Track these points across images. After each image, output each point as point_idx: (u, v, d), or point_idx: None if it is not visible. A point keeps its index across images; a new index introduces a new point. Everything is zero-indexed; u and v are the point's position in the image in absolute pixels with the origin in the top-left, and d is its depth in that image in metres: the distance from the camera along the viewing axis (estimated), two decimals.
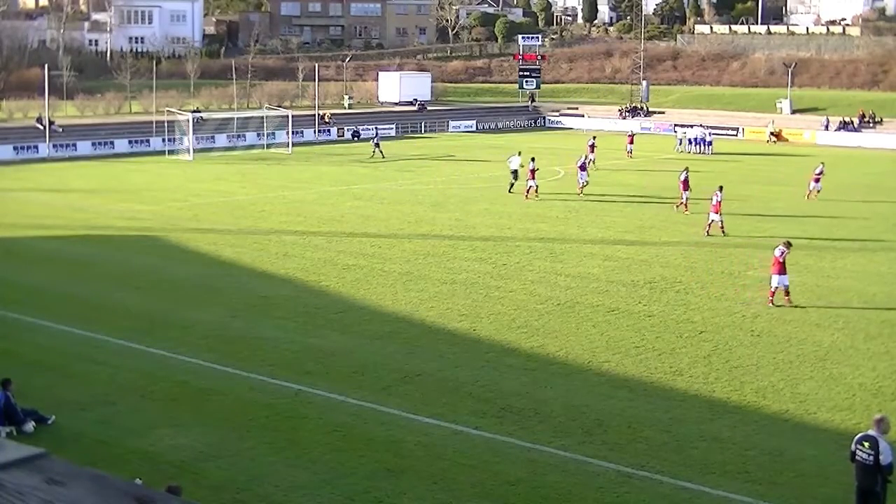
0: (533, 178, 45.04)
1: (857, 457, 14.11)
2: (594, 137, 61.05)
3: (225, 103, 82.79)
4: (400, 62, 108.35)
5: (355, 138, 75.87)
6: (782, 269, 26.85)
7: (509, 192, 47.03)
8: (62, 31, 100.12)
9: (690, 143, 68.91)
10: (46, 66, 65.33)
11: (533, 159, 45.96)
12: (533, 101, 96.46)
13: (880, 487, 13.95)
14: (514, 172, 47.82)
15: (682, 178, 41.86)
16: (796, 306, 26.74)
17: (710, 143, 68.05)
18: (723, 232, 36.71)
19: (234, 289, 28.83)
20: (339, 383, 20.68)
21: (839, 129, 79.33)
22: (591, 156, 54.30)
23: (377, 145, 63.31)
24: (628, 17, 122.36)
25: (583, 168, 47.13)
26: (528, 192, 45.12)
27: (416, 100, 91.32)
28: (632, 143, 64.43)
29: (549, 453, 17.22)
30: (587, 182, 46.51)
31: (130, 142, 66.69)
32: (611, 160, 63.15)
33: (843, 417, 18.94)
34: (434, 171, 57.08)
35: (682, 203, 41.48)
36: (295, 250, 34.12)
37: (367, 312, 26.39)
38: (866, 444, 14.04)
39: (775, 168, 60.15)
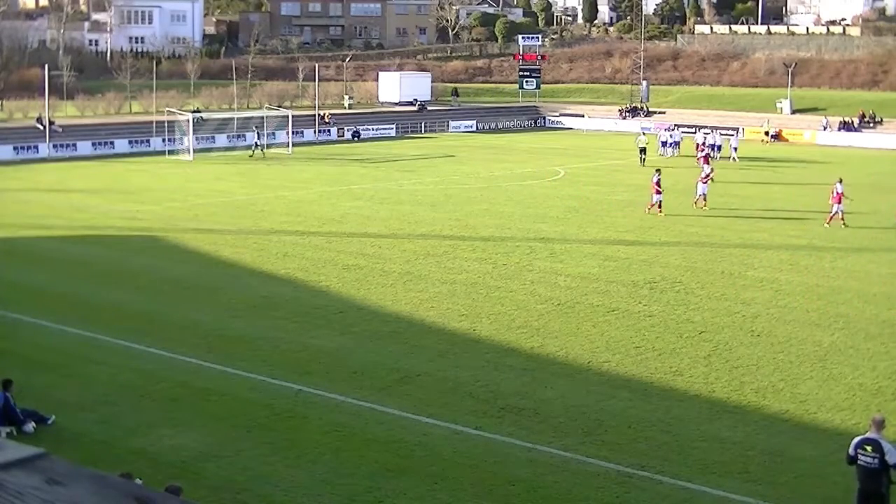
0: (658, 192, 41.17)
1: (859, 461, 13.95)
2: (712, 147, 57.34)
3: (225, 103, 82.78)
4: (400, 62, 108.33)
5: (355, 138, 75.91)
6: None
7: (642, 165, 56.92)
8: (62, 31, 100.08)
9: (664, 145, 65.29)
10: (46, 66, 65.29)
11: (658, 171, 42.43)
12: (456, 94, 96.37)
13: (885, 489, 13.87)
14: (643, 150, 58.60)
15: (839, 190, 39.40)
16: None
17: (676, 145, 64.68)
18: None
19: (234, 289, 28.82)
20: (339, 383, 20.68)
21: (839, 129, 79.32)
22: (706, 167, 49.82)
23: (259, 145, 64.07)
24: (628, 17, 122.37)
25: (704, 180, 43.67)
26: (652, 206, 41.41)
27: (416, 100, 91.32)
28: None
29: (549, 453, 17.22)
30: (705, 194, 43.15)
31: (130, 142, 66.66)
32: (613, 161, 63.20)
33: (843, 417, 18.94)
34: (434, 171, 57.08)
35: (834, 215, 39.18)
36: (295, 250, 34.12)
37: (367, 312, 26.38)
38: (868, 447, 13.89)
39: (773, 169, 60.16)
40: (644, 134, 63.73)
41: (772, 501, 15.53)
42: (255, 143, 64.31)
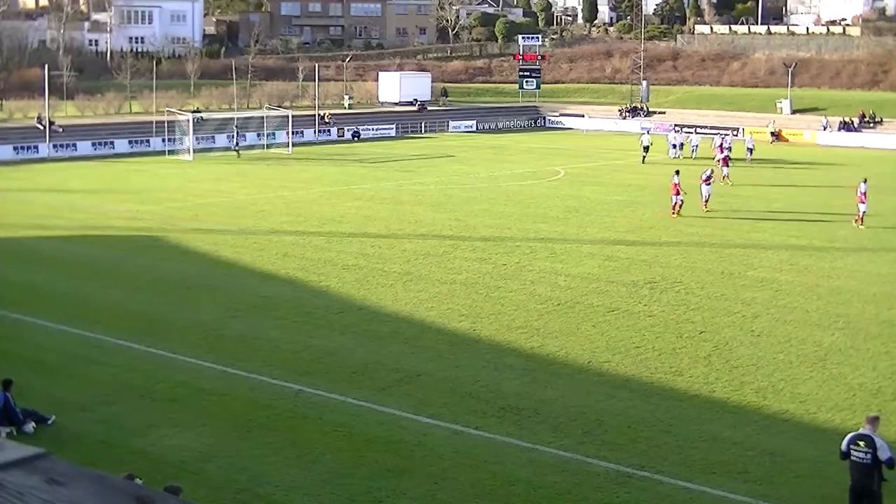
0: (678, 193, 40.88)
1: (852, 457, 14.04)
2: (729, 149, 55.59)
3: (225, 103, 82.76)
4: (400, 62, 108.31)
5: (355, 138, 75.90)
6: None
7: (642, 162, 59.61)
8: (62, 31, 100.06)
9: (674, 147, 64.64)
10: (46, 66, 65.29)
11: (677, 172, 41.95)
12: (445, 95, 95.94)
13: (877, 486, 13.91)
14: (646, 148, 60.49)
15: (862, 190, 39.48)
16: None
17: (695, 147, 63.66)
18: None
19: (234, 289, 28.82)
20: (339, 383, 20.68)
21: (839, 129, 79.32)
22: (726, 169, 50.90)
23: (237, 145, 63.69)
24: (628, 17, 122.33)
25: (707, 181, 42.65)
26: (674, 207, 41.11)
27: (416, 100, 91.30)
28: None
29: (549, 453, 17.22)
30: (709, 196, 42.39)
31: (130, 142, 66.67)
32: (613, 161, 63.21)
33: (843, 417, 18.93)
34: (434, 171, 57.09)
35: (859, 217, 39.10)
36: (295, 250, 34.12)
37: (367, 312, 26.38)
38: (861, 443, 13.97)
39: (776, 170, 60.13)
40: (648, 133, 64.91)
41: (772, 501, 15.53)
42: (235, 143, 63.93)
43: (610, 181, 52.86)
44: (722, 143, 57.73)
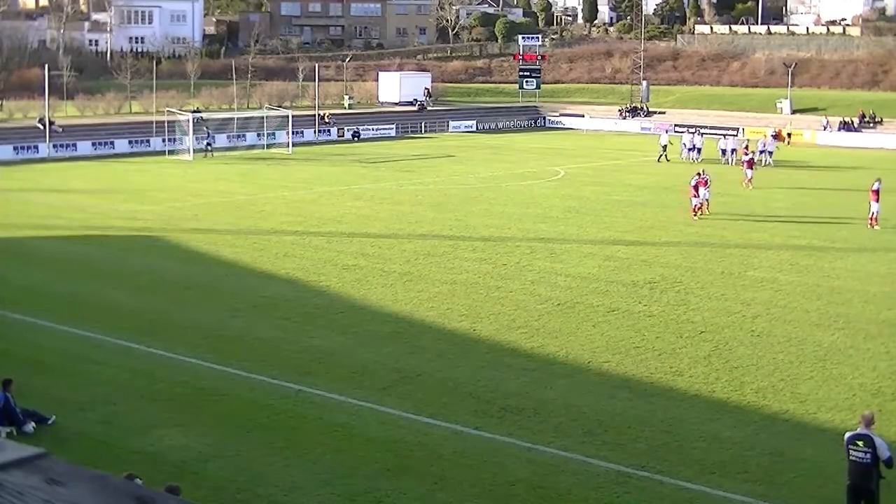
0: (697, 194, 40.30)
1: (851, 456, 14.05)
2: (751, 153, 53.45)
3: (225, 103, 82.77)
4: (400, 62, 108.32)
5: (355, 138, 75.90)
6: None
7: (657, 161, 60.01)
8: (62, 31, 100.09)
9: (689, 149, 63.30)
10: (46, 66, 65.31)
11: (699, 173, 41.31)
12: (429, 95, 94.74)
13: (875, 485, 13.94)
14: (664, 147, 60.35)
15: (875, 188, 39.27)
16: None
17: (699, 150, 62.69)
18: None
19: (234, 289, 28.82)
20: (339, 383, 20.68)
21: (839, 129, 79.31)
22: (750, 172, 49.66)
23: (209, 145, 63.36)
24: (628, 17, 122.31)
25: (706, 184, 41.21)
26: (695, 210, 40.53)
27: (416, 100, 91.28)
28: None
29: (549, 453, 17.22)
30: (706, 201, 41.24)
31: (130, 142, 66.66)
32: (613, 161, 63.20)
33: (843, 417, 18.92)
34: (434, 171, 57.08)
35: (873, 217, 38.77)
36: (295, 250, 34.12)
37: (367, 312, 26.38)
38: (860, 443, 13.99)
39: (772, 170, 60.11)
40: (667, 132, 66.40)
41: (772, 501, 15.53)
42: (207, 143, 63.38)
43: (610, 181, 52.84)
44: (747, 146, 57.48)
